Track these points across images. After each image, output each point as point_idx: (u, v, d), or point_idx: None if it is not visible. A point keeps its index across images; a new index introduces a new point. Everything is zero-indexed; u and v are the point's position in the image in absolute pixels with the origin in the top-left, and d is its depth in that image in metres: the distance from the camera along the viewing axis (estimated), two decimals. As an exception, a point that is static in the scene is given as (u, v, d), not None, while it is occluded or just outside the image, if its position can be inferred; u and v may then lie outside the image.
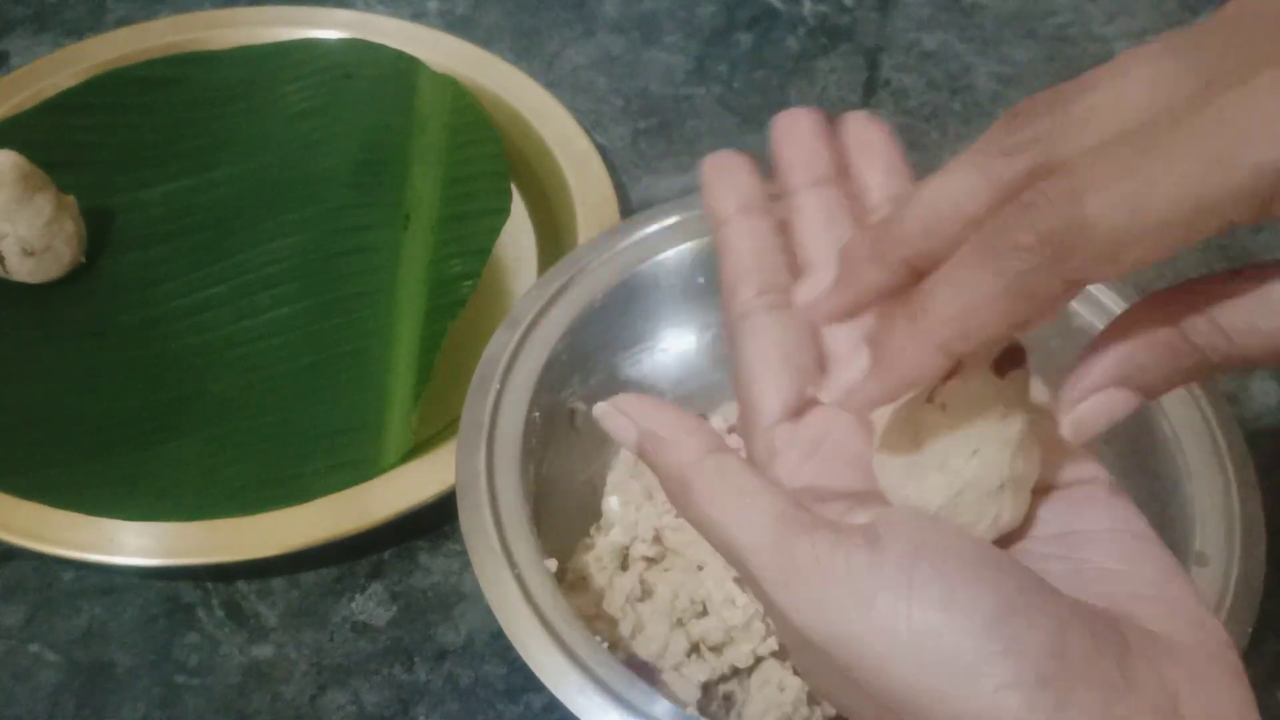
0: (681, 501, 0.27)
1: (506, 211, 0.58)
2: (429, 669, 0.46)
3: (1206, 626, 0.24)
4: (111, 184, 0.61)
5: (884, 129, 0.32)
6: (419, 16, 0.72)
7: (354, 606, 0.48)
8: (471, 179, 0.60)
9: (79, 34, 0.71)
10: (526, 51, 0.70)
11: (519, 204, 0.60)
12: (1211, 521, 0.40)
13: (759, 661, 0.43)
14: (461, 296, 0.54)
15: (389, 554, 0.49)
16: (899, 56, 0.70)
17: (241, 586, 0.48)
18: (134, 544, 0.47)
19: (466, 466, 0.41)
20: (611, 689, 0.36)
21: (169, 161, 0.62)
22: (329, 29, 0.68)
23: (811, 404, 0.29)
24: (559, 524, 0.45)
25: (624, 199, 0.61)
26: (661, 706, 0.35)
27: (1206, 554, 0.39)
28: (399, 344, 0.53)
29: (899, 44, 0.70)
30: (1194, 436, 0.42)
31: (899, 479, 0.27)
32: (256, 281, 0.57)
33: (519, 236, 0.59)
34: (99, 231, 0.59)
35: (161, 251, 0.59)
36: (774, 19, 0.72)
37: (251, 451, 0.51)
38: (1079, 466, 0.27)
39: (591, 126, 0.65)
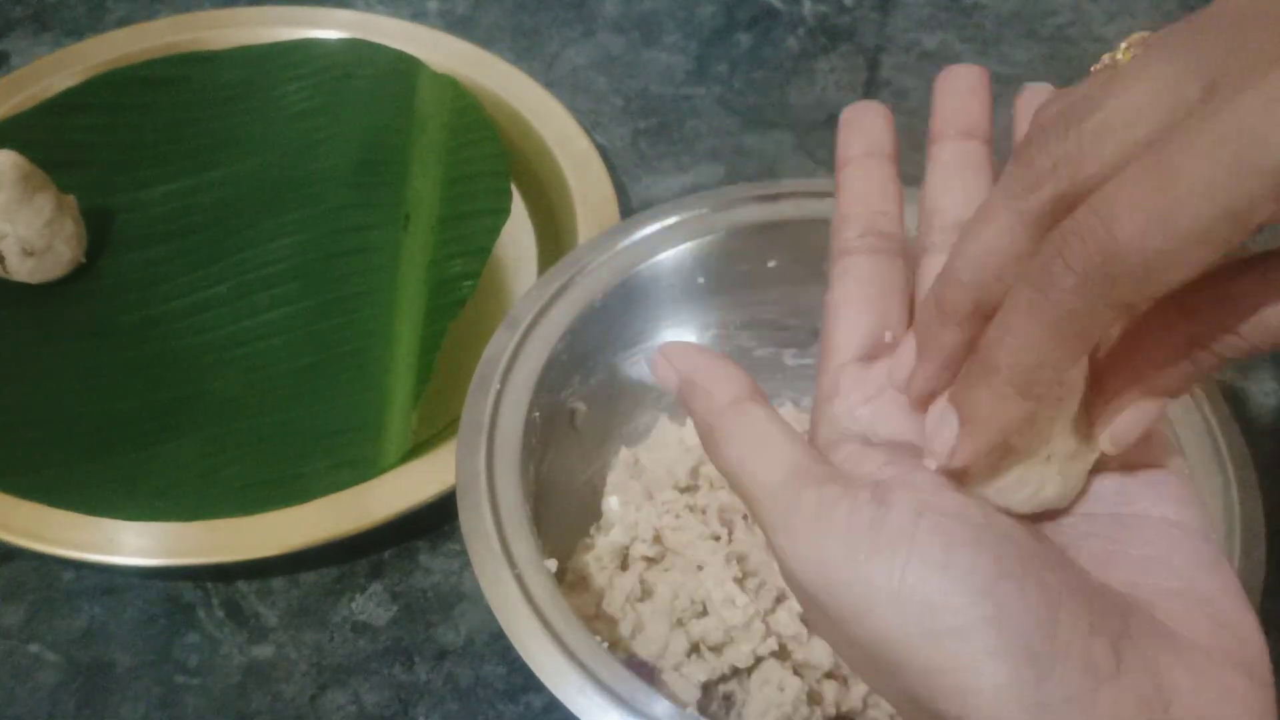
0: (708, 445, 0.28)
1: (506, 211, 0.58)
2: (429, 669, 0.46)
3: (1232, 629, 0.24)
4: (111, 184, 0.61)
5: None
6: (419, 16, 0.72)
7: (354, 606, 0.48)
8: (471, 179, 0.60)
9: (79, 34, 0.71)
10: (526, 51, 0.70)
11: (519, 204, 0.60)
12: (1211, 522, 0.40)
13: (759, 661, 0.42)
14: (461, 296, 0.54)
15: (389, 554, 0.49)
16: (899, 56, 0.70)
17: (241, 586, 0.48)
18: (134, 544, 0.47)
19: (466, 466, 0.41)
20: (611, 689, 0.36)
21: (169, 161, 0.62)
22: (329, 29, 0.68)
23: (886, 350, 0.30)
24: (559, 524, 0.45)
25: (624, 199, 0.61)
26: (661, 706, 0.35)
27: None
28: (399, 344, 0.53)
29: (899, 44, 0.70)
30: (1194, 436, 0.42)
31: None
32: (256, 281, 0.57)
33: (519, 236, 0.59)
34: (99, 231, 0.59)
35: (161, 251, 0.59)
36: (774, 19, 0.72)
37: (251, 451, 0.51)
38: (1154, 452, 0.27)
39: (591, 126, 0.65)
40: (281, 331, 0.55)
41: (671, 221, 0.49)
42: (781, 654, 0.43)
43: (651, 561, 0.45)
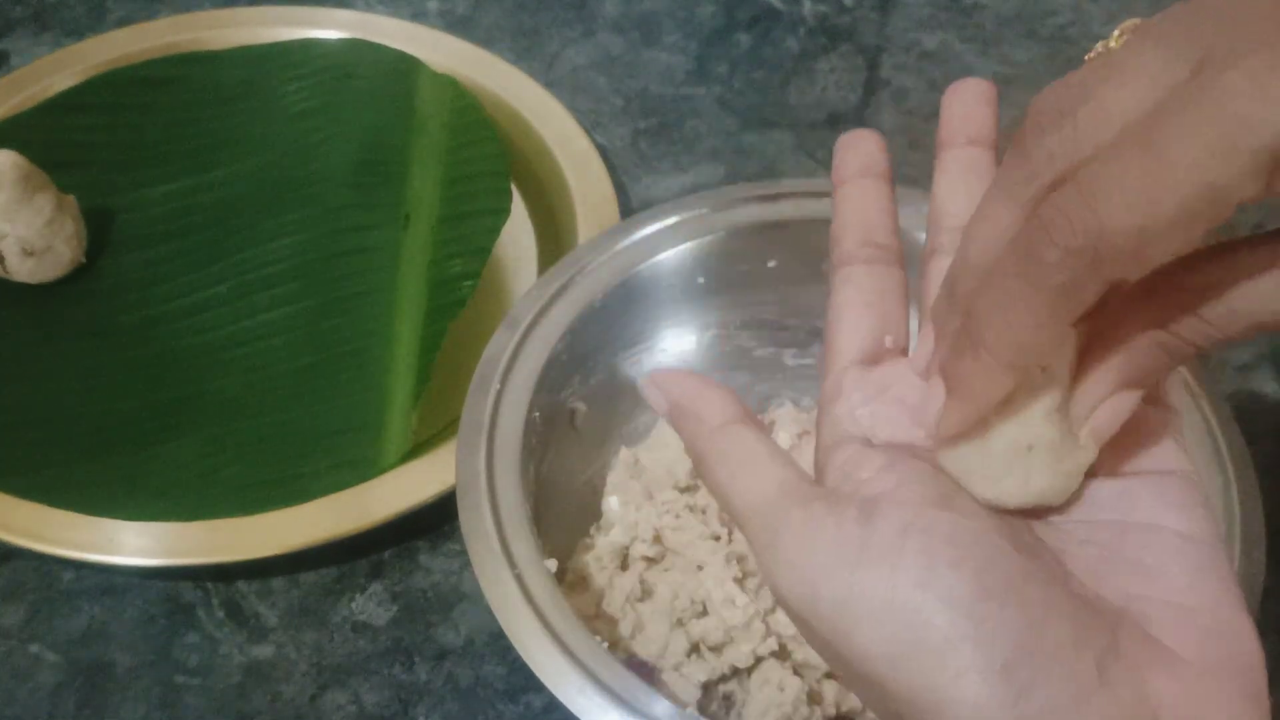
0: (699, 468, 0.29)
1: (506, 211, 0.58)
2: (429, 669, 0.46)
3: (1229, 636, 0.24)
4: (111, 184, 0.61)
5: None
6: (419, 16, 0.72)
7: (354, 606, 0.48)
8: (471, 179, 0.60)
9: (79, 34, 0.71)
10: (526, 51, 0.70)
11: (519, 204, 0.60)
12: (1216, 524, 0.40)
13: (759, 661, 0.42)
14: (461, 296, 0.54)
15: (389, 554, 0.49)
16: (899, 56, 0.70)
17: (241, 586, 0.48)
18: (134, 544, 0.47)
19: (466, 466, 0.41)
20: (611, 689, 0.36)
21: (169, 161, 0.62)
22: (329, 29, 0.68)
23: (888, 355, 0.30)
24: (559, 524, 0.45)
25: (624, 199, 0.61)
26: (661, 706, 0.35)
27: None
28: (399, 344, 0.53)
29: (899, 44, 0.70)
30: (1194, 436, 0.42)
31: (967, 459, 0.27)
32: (256, 281, 0.57)
33: (519, 236, 0.59)
34: (99, 231, 0.59)
35: (161, 251, 0.59)
36: (774, 19, 0.72)
37: (251, 451, 0.51)
38: (1161, 457, 0.27)
39: (591, 126, 0.65)
40: (281, 331, 0.55)
41: (671, 221, 0.49)
42: (781, 654, 0.43)
43: (651, 561, 0.45)
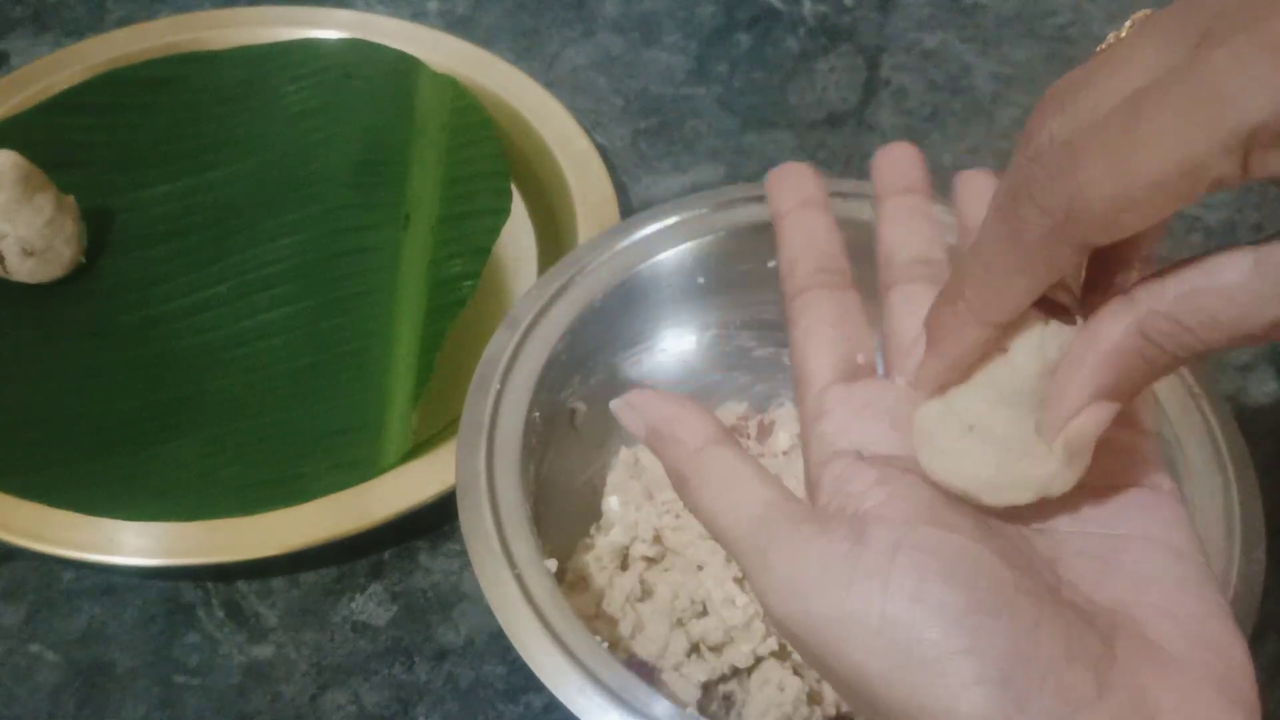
0: (681, 492, 0.28)
1: (506, 211, 0.58)
2: (429, 669, 0.46)
3: (1220, 648, 0.24)
4: (111, 184, 0.61)
5: (991, 177, 0.33)
6: (419, 16, 0.72)
7: (354, 606, 0.48)
8: (471, 179, 0.60)
9: (79, 34, 0.71)
10: (526, 51, 0.70)
11: (519, 204, 0.60)
12: (1211, 521, 0.40)
13: (759, 661, 0.42)
14: (461, 296, 0.54)
15: (389, 554, 0.49)
16: (899, 56, 0.70)
17: (241, 586, 0.48)
18: (134, 544, 0.47)
19: (466, 466, 0.41)
20: (611, 689, 0.36)
21: (169, 161, 0.62)
22: (329, 29, 0.68)
23: (862, 372, 0.30)
24: (559, 524, 0.45)
25: (624, 199, 0.61)
26: (661, 706, 0.35)
27: (1206, 554, 0.39)
28: (399, 344, 0.53)
29: (899, 44, 0.70)
30: (1194, 436, 0.42)
31: (932, 422, 0.27)
32: (256, 281, 0.57)
33: (519, 236, 0.59)
34: (99, 231, 0.59)
35: (161, 251, 0.59)
36: (774, 19, 0.72)
37: (251, 451, 0.51)
38: (1144, 473, 0.28)
39: (591, 126, 0.65)
40: (281, 331, 0.55)
41: (671, 221, 0.49)
42: (781, 654, 0.43)
43: (651, 561, 0.45)
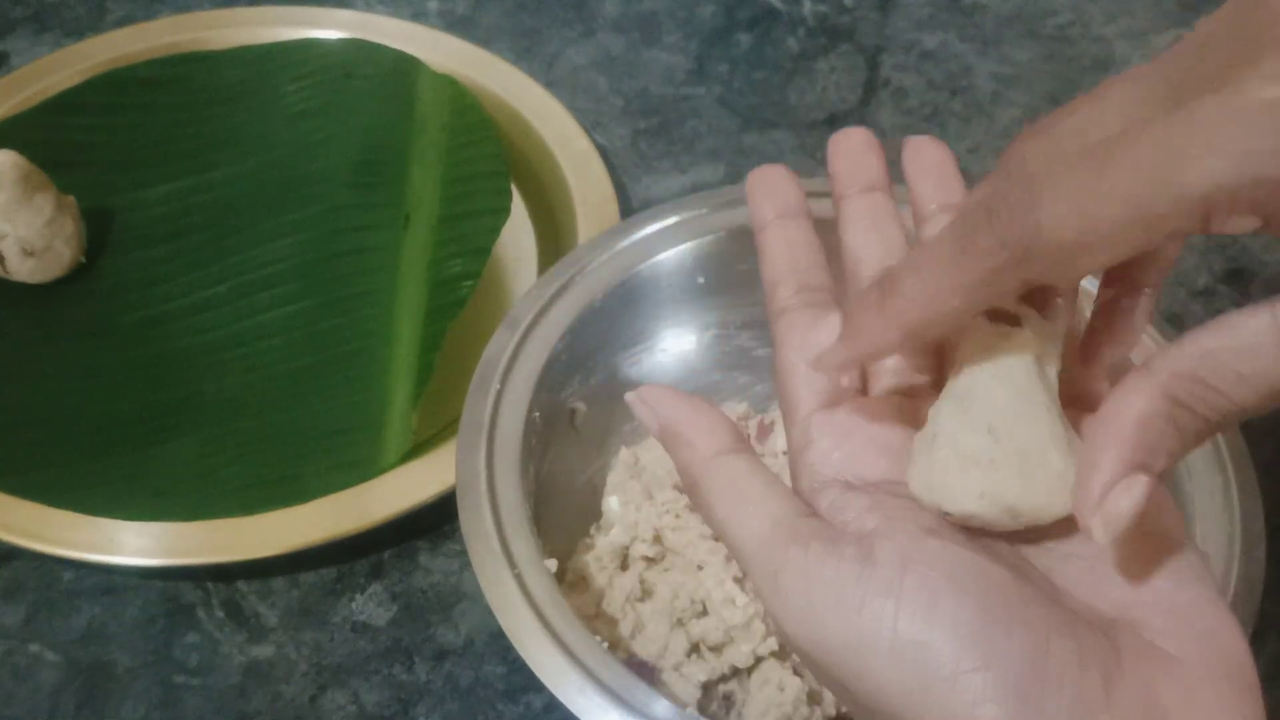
0: (693, 496, 0.28)
1: (506, 211, 0.58)
2: (429, 669, 0.46)
3: (1219, 640, 0.24)
4: (111, 184, 0.61)
5: (942, 147, 0.33)
6: (419, 16, 0.72)
7: (354, 606, 0.48)
8: (471, 179, 0.60)
9: (79, 34, 0.71)
10: (526, 51, 0.70)
11: (519, 204, 0.60)
12: (1211, 521, 0.40)
13: (759, 661, 0.42)
14: (461, 296, 0.54)
15: (389, 554, 0.49)
16: (899, 56, 0.70)
17: (241, 586, 0.48)
18: (134, 544, 0.47)
19: (466, 466, 0.41)
20: (611, 689, 0.36)
21: (169, 161, 0.62)
22: (329, 29, 0.68)
23: (847, 395, 0.30)
24: (559, 524, 0.45)
25: (624, 199, 0.61)
26: (661, 706, 0.35)
27: (1206, 554, 0.39)
28: (399, 344, 0.53)
29: (899, 44, 0.70)
30: (1194, 436, 0.42)
31: (925, 445, 0.27)
32: (256, 281, 0.57)
33: (519, 236, 0.59)
34: (99, 231, 0.59)
35: (161, 251, 0.59)
36: (774, 19, 0.72)
37: (251, 451, 0.51)
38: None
39: (591, 126, 0.65)
40: (281, 331, 0.55)
41: (671, 221, 0.49)
42: (781, 654, 0.43)
43: (651, 561, 0.45)
